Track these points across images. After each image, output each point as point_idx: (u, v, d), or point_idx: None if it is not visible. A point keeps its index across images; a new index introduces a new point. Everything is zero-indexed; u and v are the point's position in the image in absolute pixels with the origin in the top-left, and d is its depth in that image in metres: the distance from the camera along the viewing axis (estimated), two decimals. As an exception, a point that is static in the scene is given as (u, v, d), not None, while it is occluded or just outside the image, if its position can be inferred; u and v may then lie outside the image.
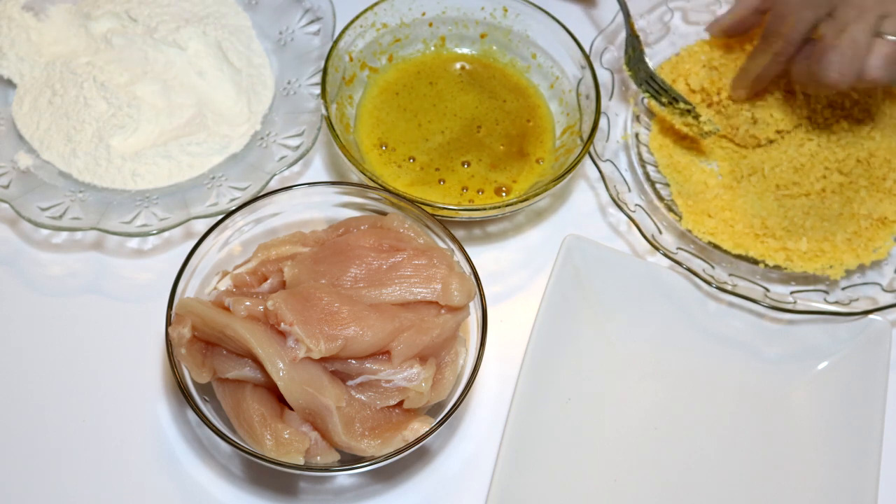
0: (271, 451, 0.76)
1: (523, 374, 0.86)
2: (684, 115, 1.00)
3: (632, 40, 1.03)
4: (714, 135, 1.00)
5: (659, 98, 1.02)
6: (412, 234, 0.85)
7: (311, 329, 0.76)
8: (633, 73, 1.03)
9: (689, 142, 1.03)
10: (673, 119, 1.02)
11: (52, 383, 0.89)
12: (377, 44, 1.05)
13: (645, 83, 1.03)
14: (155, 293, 0.94)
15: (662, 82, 1.02)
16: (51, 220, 0.92)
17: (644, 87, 1.03)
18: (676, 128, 1.02)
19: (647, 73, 1.02)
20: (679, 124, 1.02)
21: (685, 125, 1.01)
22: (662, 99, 1.02)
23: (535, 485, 0.85)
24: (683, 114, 1.00)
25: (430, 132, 1.03)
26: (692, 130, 1.01)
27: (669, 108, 1.02)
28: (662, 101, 1.02)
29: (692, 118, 1.00)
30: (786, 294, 0.94)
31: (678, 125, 1.02)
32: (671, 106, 1.01)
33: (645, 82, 1.03)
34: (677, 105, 1.01)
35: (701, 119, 1.00)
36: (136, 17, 1.04)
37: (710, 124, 1.00)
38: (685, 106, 1.00)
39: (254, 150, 1.00)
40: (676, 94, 1.01)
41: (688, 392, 0.92)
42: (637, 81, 1.03)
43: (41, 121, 0.98)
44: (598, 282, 0.94)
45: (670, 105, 1.01)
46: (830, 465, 0.88)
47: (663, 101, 1.02)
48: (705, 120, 1.00)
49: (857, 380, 0.90)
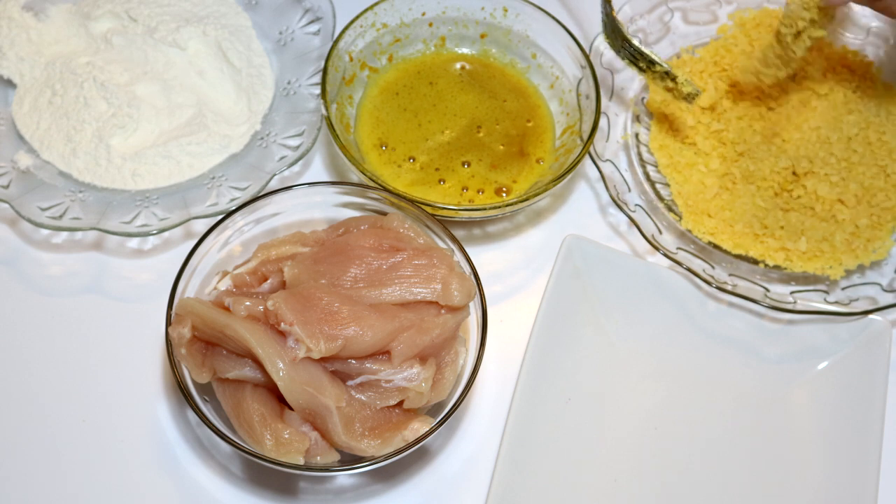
0: (271, 451, 0.76)
1: (523, 374, 0.86)
2: (664, 78, 0.99)
3: (604, 6, 1.01)
4: (695, 97, 0.98)
5: (637, 63, 1.00)
6: (412, 234, 0.85)
7: (311, 329, 0.76)
8: (610, 40, 1.01)
9: (689, 142, 1.03)
10: (654, 84, 1.01)
11: (52, 383, 0.89)
12: (377, 44, 1.05)
13: (623, 49, 1.00)
14: (155, 293, 0.94)
15: (638, 46, 0.99)
16: (51, 220, 0.92)
17: (622, 53, 1.01)
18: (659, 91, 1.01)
19: (622, 37, 1.00)
20: (661, 89, 1.00)
21: (666, 90, 1.00)
22: (640, 64, 1.00)
23: (535, 485, 0.85)
24: (663, 77, 0.99)
25: (430, 132, 1.03)
26: (674, 95, 1.00)
27: (649, 74, 1.00)
28: (640, 66, 1.00)
29: (671, 81, 0.99)
30: (786, 294, 0.94)
31: (660, 90, 1.01)
32: (650, 70, 1.00)
33: (622, 48, 1.00)
34: (654, 68, 0.99)
35: (679, 80, 0.98)
36: (136, 17, 1.04)
37: (688, 85, 0.98)
38: (662, 68, 0.99)
39: (254, 150, 1.00)
40: (652, 56, 0.99)
41: (688, 392, 0.92)
42: (615, 48, 1.01)
43: (41, 121, 0.98)
44: (598, 282, 0.94)
45: (649, 70, 1.00)
46: (830, 465, 0.88)
47: (641, 67, 1.00)
48: (683, 81, 0.98)
49: (857, 380, 0.90)
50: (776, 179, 1.00)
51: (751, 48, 1.06)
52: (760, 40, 1.06)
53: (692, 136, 1.03)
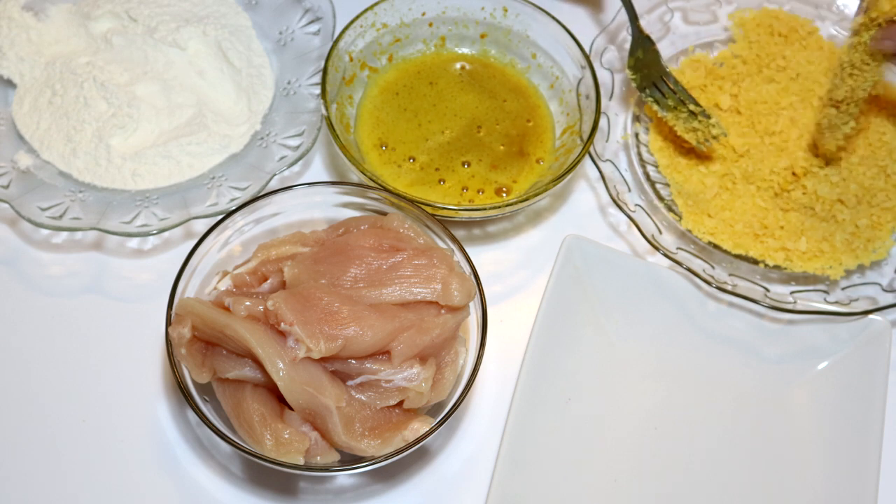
0: (271, 451, 0.76)
1: (523, 374, 0.86)
2: (691, 118, 0.99)
3: (642, 41, 1.02)
4: (717, 140, 0.99)
5: (664, 101, 1.01)
6: (412, 234, 0.85)
7: (311, 329, 0.76)
8: (636, 76, 1.02)
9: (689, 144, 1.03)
10: (676, 123, 1.00)
11: (52, 383, 0.89)
12: (377, 44, 1.05)
13: (652, 86, 1.01)
14: (155, 293, 0.94)
15: (676, 83, 1.00)
16: (51, 220, 0.92)
17: (649, 91, 1.01)
18: (678, 133, 1.01)
19: (660, 74, 1.01)
20: (681, 129, 1.00)
21: (689, 130, 1.00)
22: (669, 101, 1.00)
23: (535, 485, 0.85)
24: (690, 118, 0.99)
25: (430, 132, 1.03)
26: (696, 136, 0.99)
27: (674, 113, 1.00)
28: (669, 103, 1.00)
29: (698, 122, 0.99)
30: (786, 294, 0.94)
31: (680, 130, 1.00)
32: (677, 110, 1.00)
33: (652, 85, 1.01)
34: (684, 108, 1.00)
35: (710, 121, 0.99)
36: (136, 17, 1.04)
37: (718, 128, 0.98)
38: (696, 108, 0.99)
39: (254, 150, 1.00)
40: (687, 95, 1.00)
41: (688, 392, 0.92)
42: (640, 85, 1.02)
43: (41, 121, 0.98)
44: (598, 282, 0.94)
45: (676, 109, 1.00)
46: (830, 465, 0.88)
47: (669, 105, 1.00)
48: (714, 122, 0.99)
49: (857, 380, 0.90)
50: (776, 179, 1.00)
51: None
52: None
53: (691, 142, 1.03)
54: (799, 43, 1.08)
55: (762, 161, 1.01)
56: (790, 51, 1.07)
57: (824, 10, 1.11)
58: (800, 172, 1.00)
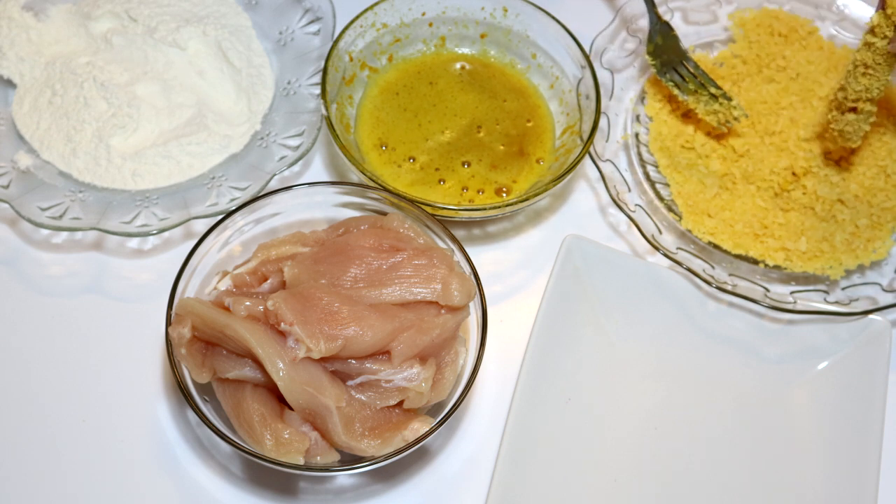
0: (271, 451, 0.76)
1: (523, 374, 0.86)
2: (712, 101, 1.01)
3: (660, 27, 1.04)
4: (738, 121, 1.00)
5: (685, 85, 1.02)
6: (412, 234, 0.85)
7: (311, 329, 0.76)
8: (656, 61, 1.04)
9: (689, 146, 1.03)
10: (697, 106, 1.02)
11: (52, 383, 0.89)
12: (377, 44, 1.05)
13: (672, 71, 1.03)
14: (155, 293, 0.94)
15: (696, 67, 1.02)
16: (51, 220, 0.92)
17: (669, 75, 1.03)
18: (699, 116, 1.02)
19: (680, 58, 1.03)
20: (702, 112, 1.01)
21: (710, 112, 1.01)
22: (690, 85, 1.02)
23: (535, 485, 0.85)
24: (711, 100, 1.01)
25: (430, 132, 1.03)
26: (717, 118, 1.01)
27: (695, 96, 1.02)
28: (689, 87, 1.02)
29: (718, 104, 1.00)
30: (786, 294, 0.94)
31: (701, 113, 1.02)
32: (697, 93, 1.01)
33: (672, 70, 1.03)
34: (704, 91, 1.01)
35: (732, 103, 1.00)
36: (136, 17, 1.04)
37: (739, 109, 1.00)
38: (716, 91, 1.01)
39: (254, 150, 1.00)
40: (708, 78, 1.02)
41: (688, 392, 0.92)
42: (660, 70, 1.04)
43: (41, 121, 0.98)
44: (598, 282, 0.94)
45: (697, 92, 1.02)
46: (830, 465, 0.88)
47: (690, 88, 1.02)
48: (735, 104, 1.00)
49: (857, 380, 0.90)
50: (776, 179, 1.00)
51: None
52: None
53: (691, 140, 1.03)
54: (799, 43, 1.08)
55: (762, 161, 1.01)
56: (790, 51, 1.07)
57: (824, 10, 1.11)
58: (800, 172, 1.00)
